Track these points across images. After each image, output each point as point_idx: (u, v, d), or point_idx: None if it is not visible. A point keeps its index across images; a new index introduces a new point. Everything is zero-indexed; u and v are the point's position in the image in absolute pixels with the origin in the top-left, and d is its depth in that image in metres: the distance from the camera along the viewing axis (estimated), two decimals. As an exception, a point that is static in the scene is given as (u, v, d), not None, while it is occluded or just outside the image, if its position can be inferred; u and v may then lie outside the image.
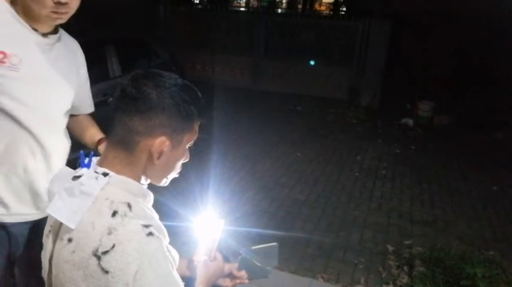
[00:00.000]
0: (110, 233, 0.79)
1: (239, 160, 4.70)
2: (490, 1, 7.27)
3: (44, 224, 0.96)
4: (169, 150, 0.89)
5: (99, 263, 0.77)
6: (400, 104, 7.16)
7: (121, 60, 4.19)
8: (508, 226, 3.59)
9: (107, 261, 0.77)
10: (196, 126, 0.94)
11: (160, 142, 0.87)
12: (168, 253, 0.84)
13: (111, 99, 3.56)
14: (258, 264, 1.22)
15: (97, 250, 0.78)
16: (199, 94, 0.95)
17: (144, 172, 0.91)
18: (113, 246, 0.78)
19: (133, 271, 0.77)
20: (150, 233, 0.81)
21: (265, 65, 8.40)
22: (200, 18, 9.08)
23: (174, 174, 0.98)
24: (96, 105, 1.67)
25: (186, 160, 0.99)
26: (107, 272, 0.77)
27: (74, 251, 0.81)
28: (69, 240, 0.82)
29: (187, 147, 0.96)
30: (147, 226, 0.81)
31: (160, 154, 0.88)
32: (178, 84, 0.89)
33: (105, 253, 0.78)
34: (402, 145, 5.62)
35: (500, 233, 3.47)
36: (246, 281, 1.25)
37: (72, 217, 0.82)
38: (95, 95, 1.69)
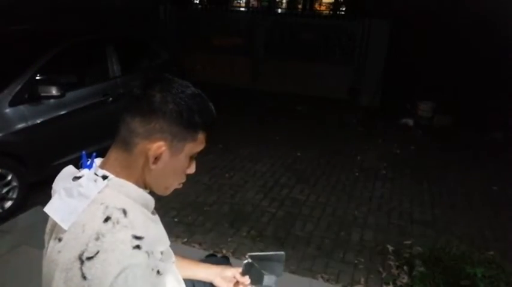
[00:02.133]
0: (97, 238, 0.77)
1: (239, 160, 4.70)
2: (490, 1, 7.27)
3: None
4: (167, 156, 0.87)
5: (81, 268, 0.75)
6: (400, 104, 7.16)
7: (121, 61, 4.19)
8: (508, 226, 3.59)
9: (88, 267, 0.75)
10: (201, 137, 0.91)
11: (157, 147, 0.85)
12: (150, 271, 0.78)
13: (111, 99, 3.57)
14: (263, 271, 1.19)
15: (82, 254, 0.76)
16: (211, 105, 0.92)
17: (142, 177, 0.89)
18: (97, 252, 0.75)
19: (109, 283, 0.73)
20: (138, 247, 0.77)
21: (265, 65, 8.39)
22: (200, 18, 9.07)
23: (175, 184, 0.95)
24: (96, 105, 1.65)
25: (192, 172, 0.95)
26: (85, 278, 0.75)
27: (60, 252, 0.80)
28: (59, 240, 0.82)
29: (190, 157, 0.92)
30: (137, 238, 0.78)
31: (157, 159, 0.86)
32: (186, 92, 0.87)
33: (89, 258, 0.75)
34: (402, 145, 5.62)
35: (500, 233, 3.47)
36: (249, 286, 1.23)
37: (67, 217, 0.81)
38: (95, 95, 1.68)
